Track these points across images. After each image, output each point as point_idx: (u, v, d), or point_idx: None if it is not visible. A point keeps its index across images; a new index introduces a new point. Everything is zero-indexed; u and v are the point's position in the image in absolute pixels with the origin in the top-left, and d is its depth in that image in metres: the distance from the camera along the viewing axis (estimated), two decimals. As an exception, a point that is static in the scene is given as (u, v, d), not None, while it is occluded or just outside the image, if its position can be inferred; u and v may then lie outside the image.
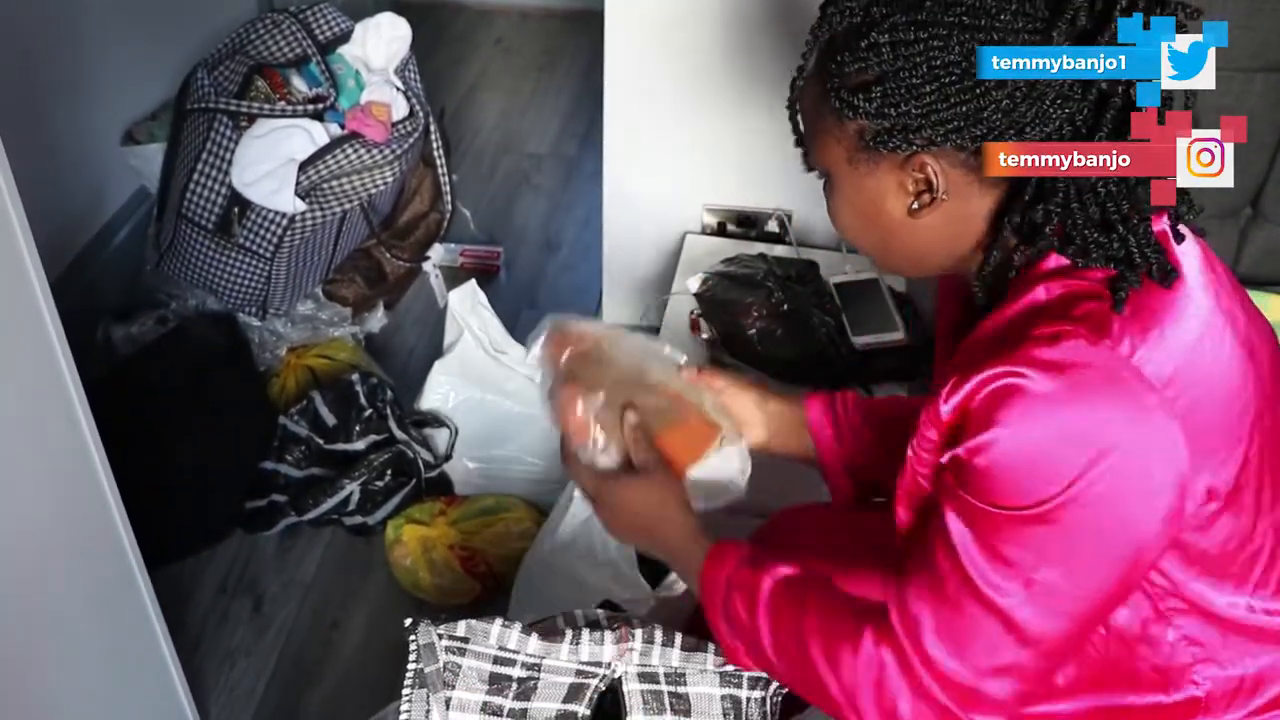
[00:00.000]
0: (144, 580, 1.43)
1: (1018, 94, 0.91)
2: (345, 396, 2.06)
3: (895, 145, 0.95)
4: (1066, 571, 0.91)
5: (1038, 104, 0.91)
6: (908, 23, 0.93)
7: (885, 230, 1.02)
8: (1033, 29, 0.91)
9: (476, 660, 1.24)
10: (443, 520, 1.93)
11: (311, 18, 2.26)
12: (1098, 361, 0.88)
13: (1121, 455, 0.88)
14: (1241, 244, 1.85)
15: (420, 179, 2.56)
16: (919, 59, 0.92)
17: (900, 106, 0.93)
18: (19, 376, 1.17)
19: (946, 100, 0.92)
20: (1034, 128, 0.92)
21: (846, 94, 0.96)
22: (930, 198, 0.97)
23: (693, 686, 1.26)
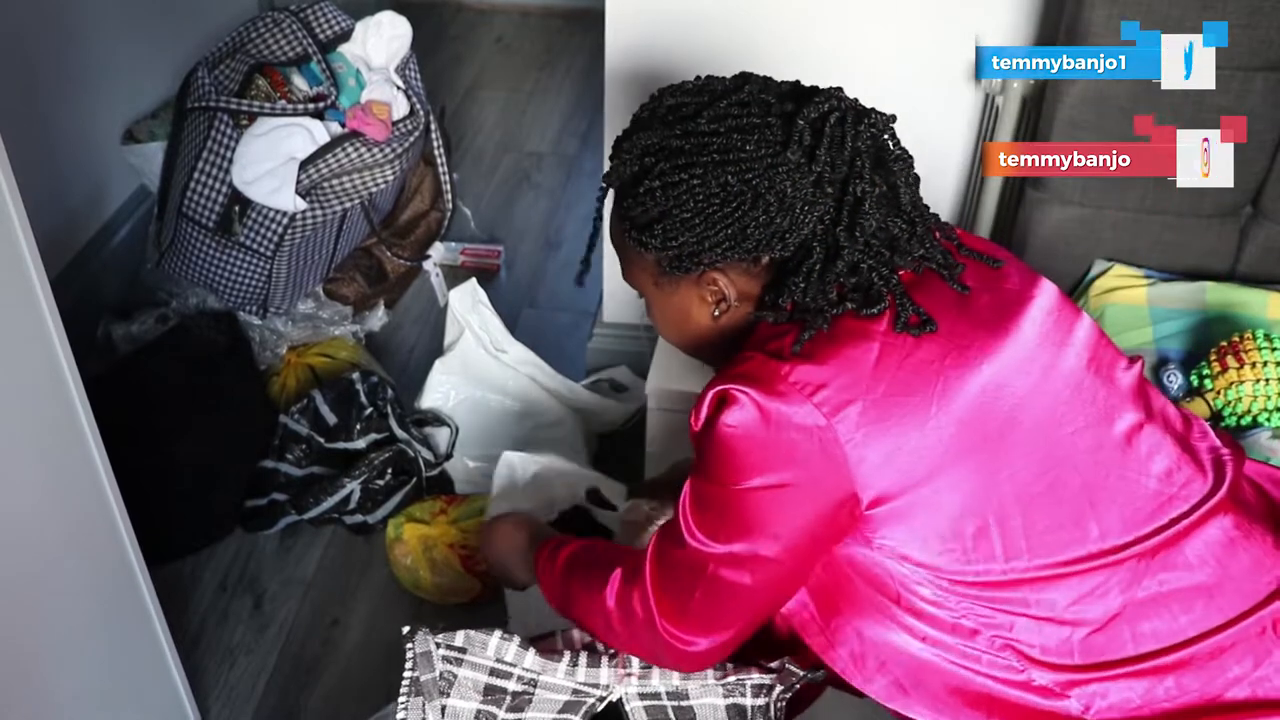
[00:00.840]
0: (144, 578, 1.43)
1: (771, 208, 1.08)
2: (346, 395, 2.07)
3: (686, 268, 1.12)
4: (753, 540, 1.11)
5: (789, 212, 1.08)
6: (671, 167, 1.10)
7: (697, 335, 1.20)
8: (772, 152, 1.08)
9: (473, 671, 1.24)
10: (443, 519, 1.93)
11: (312, 16, 2.26)
12: (766, 379, 1.07)
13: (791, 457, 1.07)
14: (1242, 242, 1.85)
15: (421, 178, 2.56)
16: (685, 196, 1.09)
17: (679, 238, 1.10)
18: (19, 375, 1.17)
19: (714, 226, 1.09)
20: (793, 233, 1.09)
21: (636, 232, 1.14)
22: (727, 305, 1.15)
23: (696, 699, 1.26)
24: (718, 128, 1.10)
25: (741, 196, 1.09)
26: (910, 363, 1.08)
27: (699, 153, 1.10)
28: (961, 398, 1.08)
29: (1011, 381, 1.11)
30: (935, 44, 1.90)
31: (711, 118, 1.11)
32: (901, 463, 1.07)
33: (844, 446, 1.06)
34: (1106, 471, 1.12)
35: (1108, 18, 1.65)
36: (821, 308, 1.10)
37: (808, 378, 1.07)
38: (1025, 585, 1.10)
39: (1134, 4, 1.64)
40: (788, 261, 1.11)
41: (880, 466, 1.07)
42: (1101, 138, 1.75)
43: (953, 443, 1.08)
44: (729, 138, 1.09)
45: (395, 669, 1.82)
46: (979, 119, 1.95)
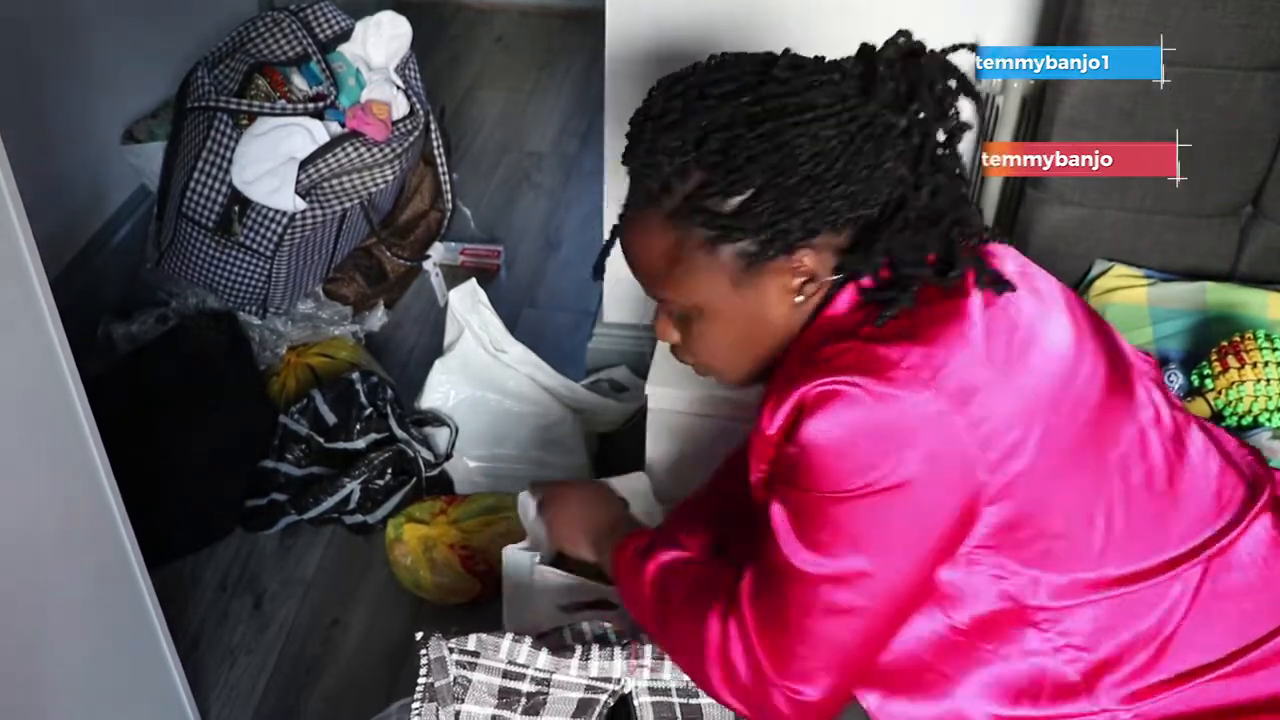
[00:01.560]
0: (144, 578, 1.43)
1: (870, 158, 1.00)
2: (346, 395, 2.06)
3: (784, 246, 1.02)
4: (869, 553, 1.01)
5: (882, 167, 1.01)
6: (758, 136, 1.00)
7: (766, 335, 1.09)
8: (854, 104, 1.01)
9: (486, 675, 1.24)
10: (443, 519, 1.93)
11: (312, 16, 2.26)
12: (876, 370, 0.98)
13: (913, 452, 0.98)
14: (1242, 242, 1.84)
15: (420, 177, 2.56)
16: (785, 163, 0.99)
17: (788, 208, 1.00)
18: (19, 375, 1.17)
19: (824, 187, 0.99)
20: (885, 185, 1.01)
21: (726, 221, 1.01)
22: (814, 285, 1.05)
23: (705, 698, 1.26)
24: (787, 89, 1.01)
25: (846, 148, 1.00)
26: (1017, 340, 1.03)
27: (783, 114, 1.00)
28: (1071, 379, 1.05)
29: (1093, 369, 1.07)
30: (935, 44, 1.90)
31: (776, 81, 1.02)
32: (1026, 453, 1.00)
33: (970, 434, 0.98)
34: (1178, 468, 1.09)
35: (1108, 18, 1.65)
36: (911, 275, 1.02)
37: (924, 361, 0.98)
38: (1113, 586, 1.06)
39: (1134, 4, 1.64)
40: (872, 220, 1.03)
41: (1005, 457, 1.00)
42: (1102, 138, 1.75)
43: (1075, 429, 1.03)
44: (805, 96, 1.00)
45: (396, 668, 1.83)
46: (979, 119, 1.95)
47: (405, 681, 1.78)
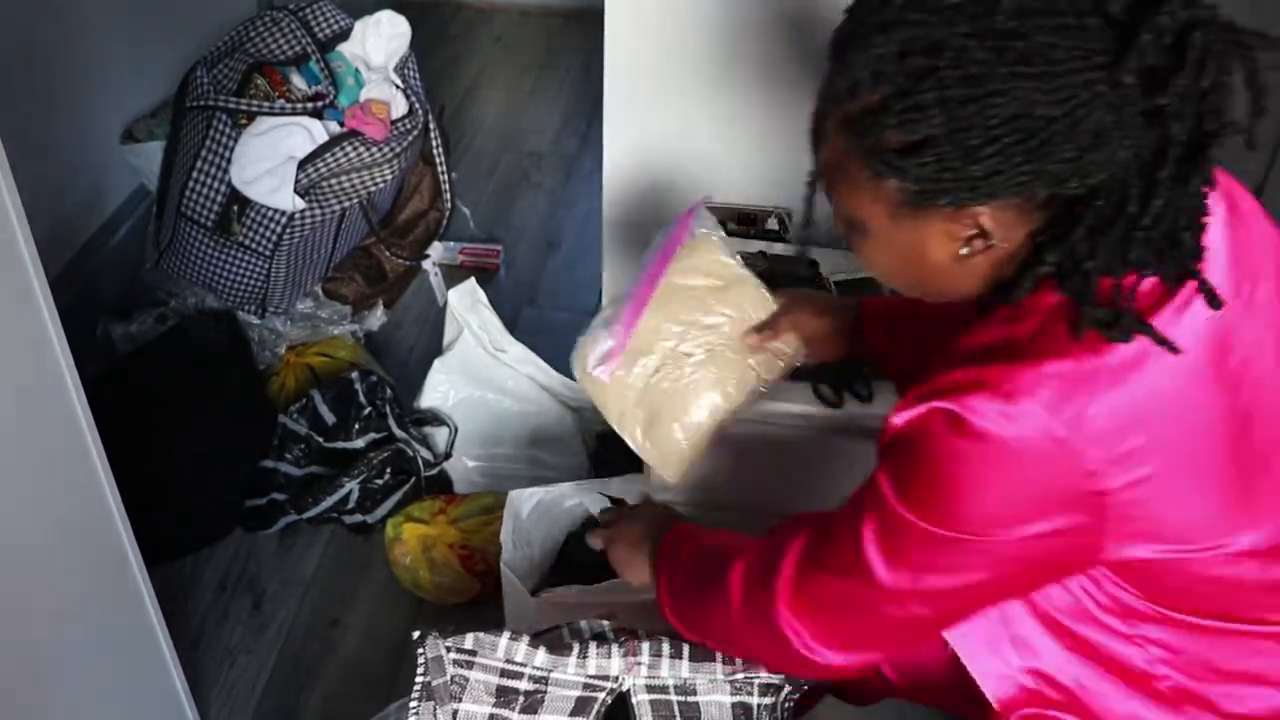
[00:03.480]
0: (143, 578, 1.43)
1: (1084, 140, 0.84)
2: (345, 395, 2.06)
3: (950, 201, 0.89)
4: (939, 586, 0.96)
5: (1104, 149, 0.85)
6: (959, 79, 0.84)
7: (927, 272, 0.98)
8: (1096, 65, 0.83)
9: (484, 673, 1.24)
10: (442, 519, 1.93)
11: (311, 15, 2.26)
12: (1036, 423, 0.87)
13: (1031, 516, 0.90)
14: (1242, 242, 1.85)
15: (420, 177, 2.56)
16: (975, 119, 0.84)
17: (957, 170, 0.86)
18: (18, 375, 1.17)
19: (1009, 159, 0.85)
20: (1101, 170, 0.86)
21: (890, 155, 0.88)
22: (984, 244, 0.92)
23: (703, 695, 1.26)
24: (1020, 26, 0.83)
25: (1053, 124, 0.83)
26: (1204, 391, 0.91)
27: (998, 59, 0.83)
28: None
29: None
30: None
31: (1011, 12, 0.83)
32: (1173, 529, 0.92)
33: (1118, 509, 0.90)
34: None
35: (1107, 17, 1.65)
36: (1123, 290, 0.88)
37: (1098, 420, 0.86)
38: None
39: (1134, 3, 1.64)
40: (1079, 202, 0.88)
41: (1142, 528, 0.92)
42: (1101, 137, 1.75)
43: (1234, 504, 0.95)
44: (1036, 43, 0.82)
45: (395, 668, 1.83)
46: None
47: (404, 681, 1.78)
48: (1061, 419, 0.87)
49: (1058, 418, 0.87)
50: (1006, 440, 0.87)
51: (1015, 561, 0.93)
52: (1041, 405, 0.87)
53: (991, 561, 0.93)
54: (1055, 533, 0.91)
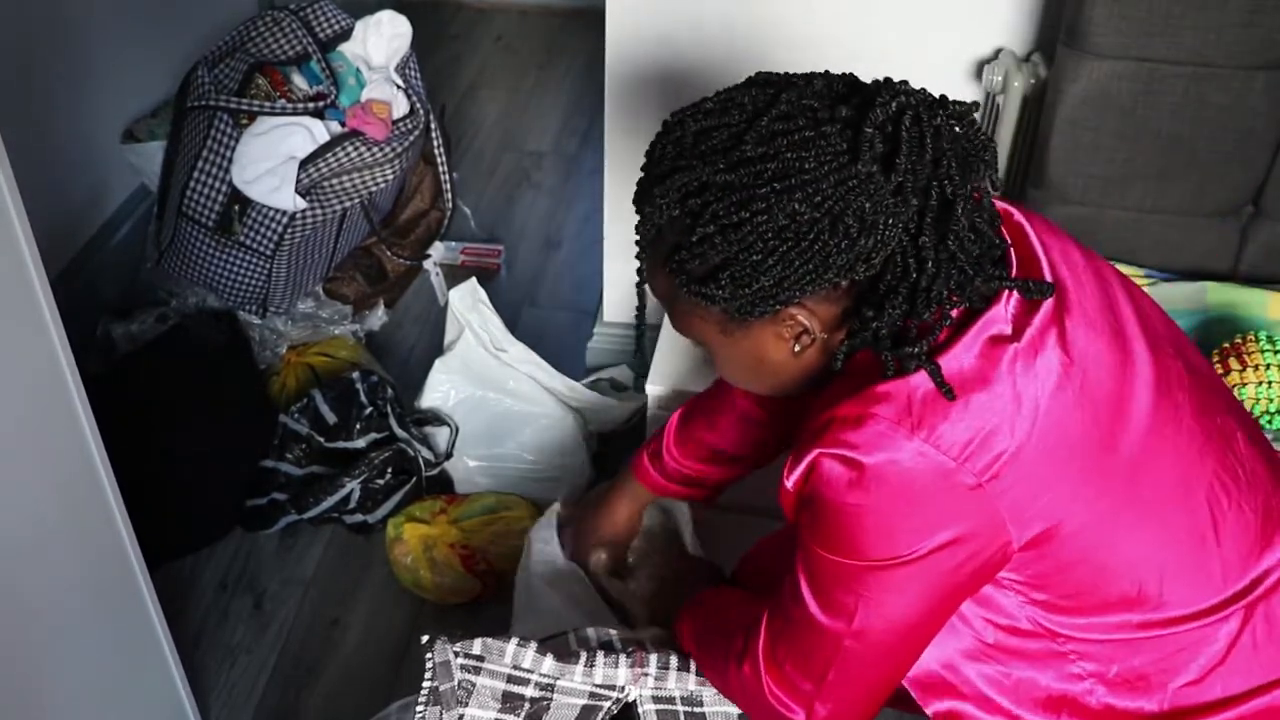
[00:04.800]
0: (144, 578, 1.43)
1: (852, 230, 0.94)
2: (346, 394, 2.06)
3: (761, 311, 0.99)
4: (883, 615, 1.02)
5: (873, 233, 0.95)
6: (727, 208, 0.95)
7: (773, 372, 1.08)
8: (838, 166, 0.94)
9: (491, 679, 1.24)
10: (443, 518, 1.93)
11: (312, 15, 2.26)
12: (894, 444, 0.95)
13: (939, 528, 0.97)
14: (1243, 242, 1.84)
15: (421, 177, 2.56)
16: (751, 237, 0.95)
17: (751, 284, 0.97)
18: (19, 374, 1.17)
19: (791, 263, 0.95)
20: (879, 250, 0.96)
21: (697, 285, 0.99)
22: (809, 338, 1.02)
23: (710, 708, 1.26)
24: (767, 150, 0.95)
25: (817, 224, 0.94)
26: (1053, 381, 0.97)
27: (755, 184, 0.95)
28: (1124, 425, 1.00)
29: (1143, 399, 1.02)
30: (936, 44, 1.90)
31: (757, 140, 0.96)
32: (1066, 510, 0.98)
33: (1000, 501, 0.96)
34: (1228, 496, 1.05)
35: (1108, 17, 1.65)
36: (928, 326, 0.98)
37: (951, 432, 0.95)
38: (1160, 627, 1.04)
39: (1134, 4, 1.64)
40: (875, 279, 0.99)
41: (1038, 515, 0.98)
42: (1102, 138, 1.75)
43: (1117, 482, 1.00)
44: (785, 160, 0.94)
45: (396, 668, 1.83)
46: (979, 119, 1.95)
47: (405, 681, 1.78)
48: (909, 428, 0.95)
49: (903, 427, 0.95)
50: (875, 464, 0.96)
51: (936, 575, 0.99)
52: (888, 422, 0.96)
53: (913, 581, 1.00)
54: (958, 539, 0.97)
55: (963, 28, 1.88)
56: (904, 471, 0.95)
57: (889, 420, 0.96)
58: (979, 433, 0.95)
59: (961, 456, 0.95)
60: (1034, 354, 0.98)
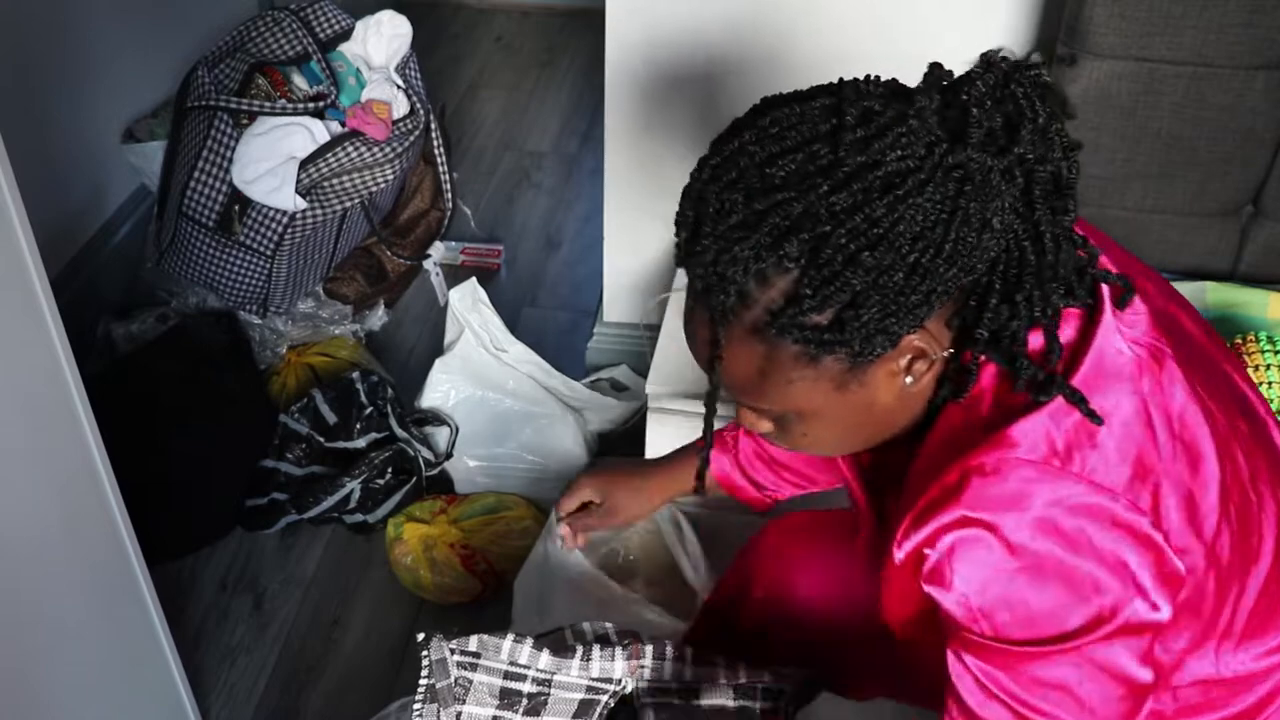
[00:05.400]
0: (144, 577, 1.43)
1: (976, 222, 0.84)
2: (346, 394, 2.06)
3: (890, 344, 0.86)
4: (1078, 695, 0.87)
5: (991, 223, 0.85)
6: (850, 232, 0.82)
7: (878, 421, 0.95)
8: (945, 153, 0.84)
9: (487, 675, 1.24)
10: (443, 518, 1.93)
11: (312, 15, 2.26)
12: (1050, 488, 0.83)
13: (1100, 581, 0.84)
14: (1243, 242, 1.84)
15: (421, 177, 2.56)
16: (887, 257, 0.83)
17: (896, 310, 0.84)
18: (19, 374, 1.17)
19: (934, 273, 0.84)
20: (995, 241, 0.86)
21: (817, 339, 0.85)
22: (925, 361, 0.90)
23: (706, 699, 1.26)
24: (867, 159, 0.83)
25: (948, 223, 0.83)
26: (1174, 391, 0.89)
27: (871, 198, 0.82)
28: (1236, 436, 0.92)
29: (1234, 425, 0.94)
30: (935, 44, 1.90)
31: (853, 149, 0.83)
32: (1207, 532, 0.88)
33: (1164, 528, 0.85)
34: None
35: (1108, 17, 1.65)
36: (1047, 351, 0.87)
37: (1106, 463, 0.84)
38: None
39: (1134, 4, 1.64)
40: (977, 286, 0.88)
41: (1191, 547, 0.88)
42: (1103, 138, 1.75)
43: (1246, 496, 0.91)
44: (891, 163, 0.83)
45: (396, 667, 1.83)
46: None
47: (405, 681, 1.78)
48: (1062, 468, 0.84)
49: (1055, 468, 0.84)
50: (1036, 517, 0.83)
51: (1132, 629, 0.86)
52: (1037, 468, 0.83)
53: (1112, 648, 0.85)
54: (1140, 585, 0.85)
55: (963, 28, 1.88)
56: (1069, 518, 0.83)
57: (1038, 463, 0.83)
58: (1130, 458, 0.85)
59: (1124, 489, 0.84)
60: (1157, 363, 0.89)
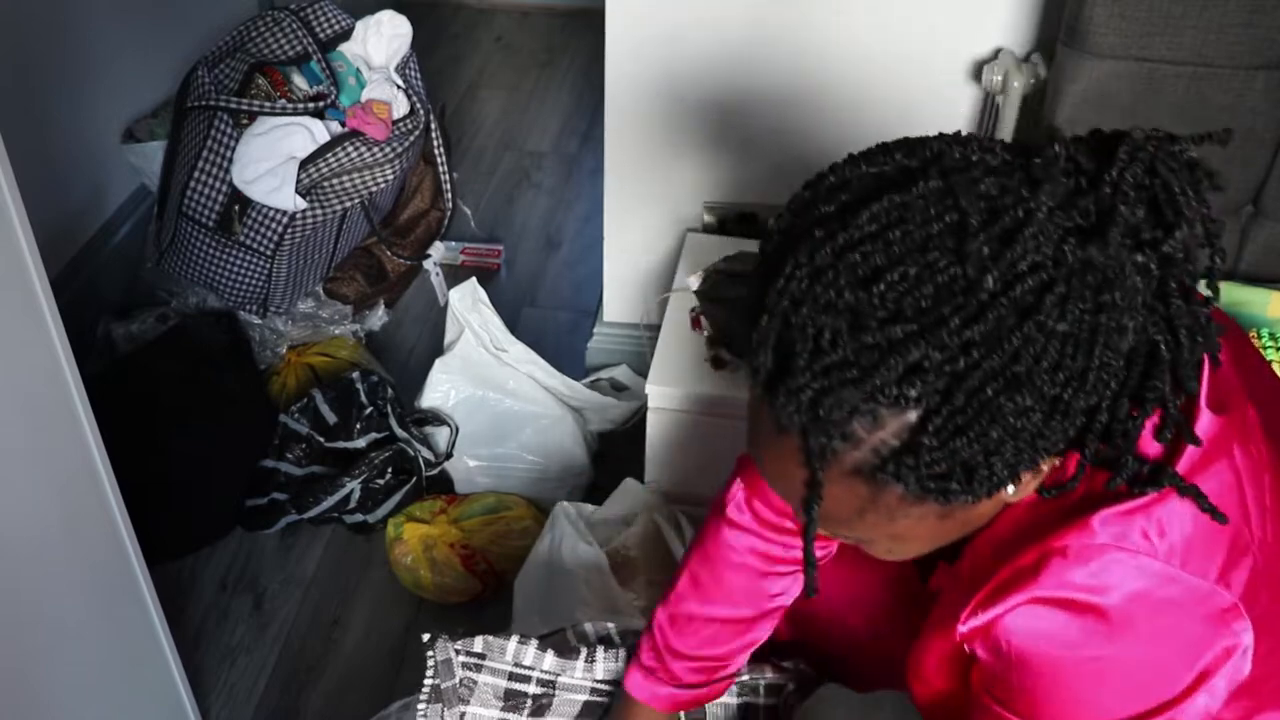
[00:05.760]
0: (144, 578, 1.43)
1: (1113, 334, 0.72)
2: (346, 394, 2.06)
3: (1009, 484, 0.77)
4: None
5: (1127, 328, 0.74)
6: (989, 371, 0.69)
7: (965, 529, 0.86)
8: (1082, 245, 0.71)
9: (492, 676, 1.24)
10: (443, 518, 1.93)
11: (312, 15, 2.26)
12: (1134, 575, 0.78)
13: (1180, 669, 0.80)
14: (1243, 241, 1.84)
15: (421, 177, 2.56)
16: (1025, 390, 0.70)
17: (1032, 444, 0.73)
18: (19, 374, 1.17)
19: (1070, 414, 0.73)
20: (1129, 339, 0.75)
21: (932, 485, 0.73)
22: (1035, 475, 0.80)
23: None
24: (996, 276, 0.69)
25: (1090, 336, 0.71)
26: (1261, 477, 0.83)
27: (1008, 323, 0.69)
28: None
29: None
30: (935, 44, 1.90)
31: (976, 261, 0.69)
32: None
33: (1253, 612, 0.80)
34: None
35: (1108, 17, 1.65)
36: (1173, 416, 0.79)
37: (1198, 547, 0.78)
38: None
39: (1134, 4, 1.64)
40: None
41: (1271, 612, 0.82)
42: (1102, 137, 1.75)
43: None
44: (1018, 268, 0.69)
45: (396, 668, 1.83)
46: (979, 119, 1.95)
47: (405, 680, 1.78)
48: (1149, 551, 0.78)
49: (1143, 551, 0.78)
50: (1120, 604, 0.78)
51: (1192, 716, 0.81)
52: (1125, 550, 0.78)
53: None
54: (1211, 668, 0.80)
55: (963, 28, 1.88)
56: (1155, 606, 0.78)
57: (1127, 547, 0.78)
58: (1225, 541, 0.79)
59: (1215, 574, 0.78)
60: (1241, 418, 0.83)
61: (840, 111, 1.95)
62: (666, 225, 2.14)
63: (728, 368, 1.78)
